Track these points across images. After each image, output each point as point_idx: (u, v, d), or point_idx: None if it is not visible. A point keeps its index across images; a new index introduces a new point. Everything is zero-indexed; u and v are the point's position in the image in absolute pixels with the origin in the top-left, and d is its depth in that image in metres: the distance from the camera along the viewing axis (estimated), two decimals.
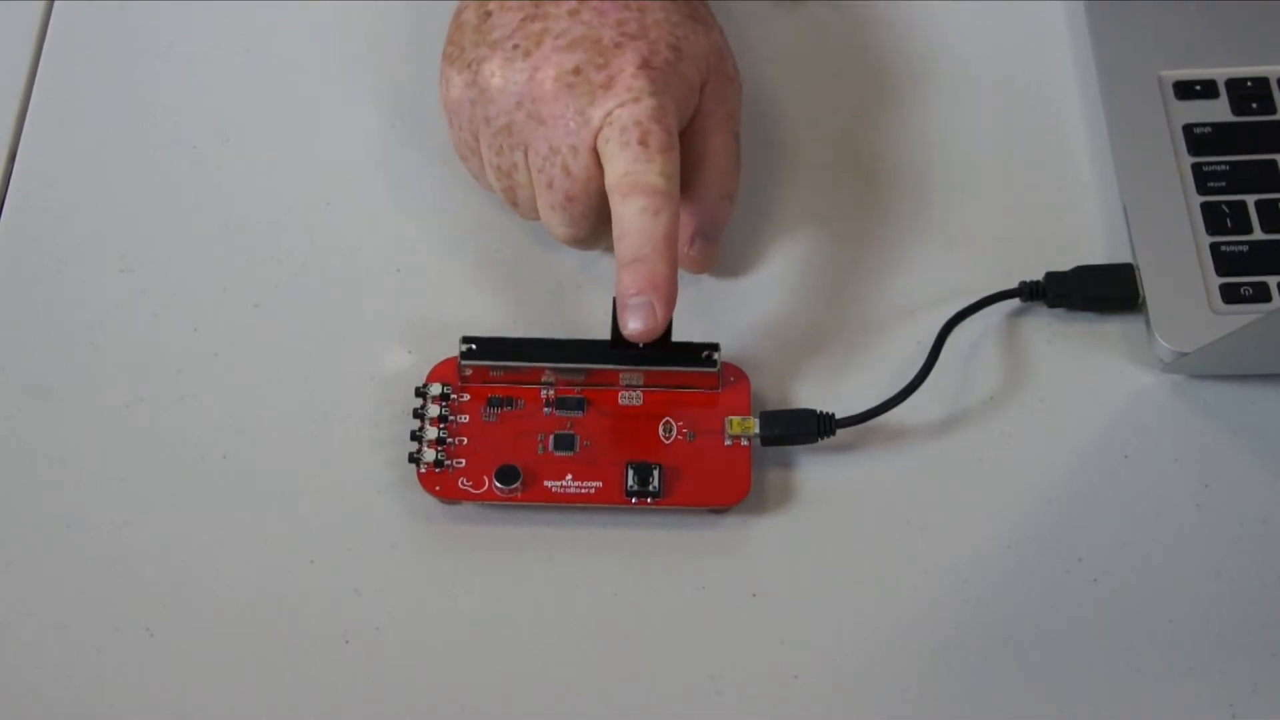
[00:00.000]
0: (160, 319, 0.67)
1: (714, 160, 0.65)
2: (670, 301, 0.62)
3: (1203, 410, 0.65)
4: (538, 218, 0.65)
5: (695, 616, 0.61)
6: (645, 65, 0.63)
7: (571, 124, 0.63)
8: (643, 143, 0.62)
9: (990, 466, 0.64)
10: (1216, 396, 0.65)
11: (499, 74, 0.64)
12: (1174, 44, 0.71)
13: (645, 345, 0.63)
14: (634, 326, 0.62)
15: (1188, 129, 0.69)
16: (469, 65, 0.65)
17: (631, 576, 0.62)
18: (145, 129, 0.71)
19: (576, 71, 0.63)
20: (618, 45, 0.63)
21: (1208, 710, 0.59)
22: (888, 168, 0.70)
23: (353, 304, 0.67)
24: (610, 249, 0.64)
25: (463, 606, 0.61)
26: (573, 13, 0.64)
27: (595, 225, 0.64)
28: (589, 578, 0.62)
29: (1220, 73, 0.70)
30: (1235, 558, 0.62)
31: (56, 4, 0.74)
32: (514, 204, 0.66)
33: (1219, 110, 0.69)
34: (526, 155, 0.64)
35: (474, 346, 0.64)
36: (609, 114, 0.62)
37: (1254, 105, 0.69)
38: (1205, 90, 0.70)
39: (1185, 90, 0.70)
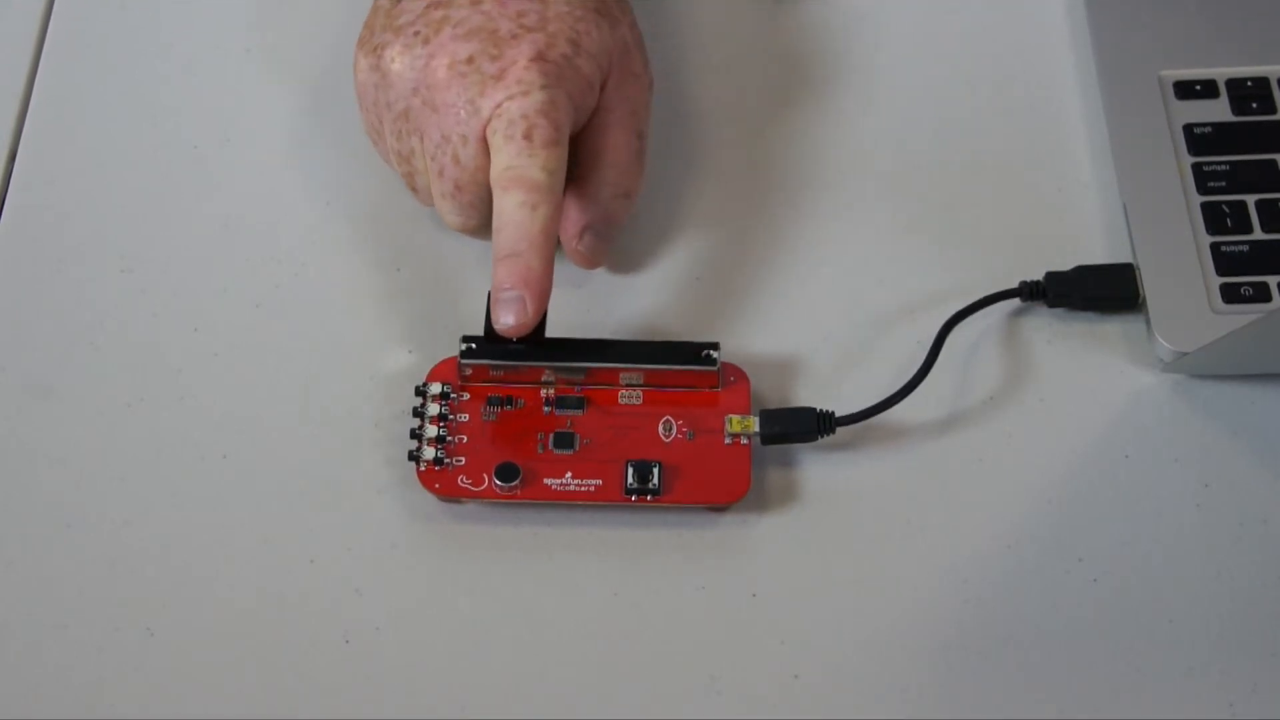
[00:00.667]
0: (160, 319, 0.67)
1: (611, 156, 0.65)
2: (542, 297, 0.62)
3: (1203, 410, 0.65)
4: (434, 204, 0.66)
5: (695, 616, 0.61)
6: (539, 58, 0.63)
7: (462, 113, 0.63)
8: (527, 137, 0.62)
9: (990, 466, 0.64)
10: (1216, 396, 0.65)
11: (398, 59, 0.64)
12: (1174, 44, 0.71)
13: (518, 340, 0.63)
14: (505, 321, 0.62)
15: (1188, 129, 0.69)
16: (374, 49, 0.65)
17: (631, 576, 0.62)
18: (145, 129, 0.71)
19: (470, 61, 0.63)
20: (514, 37, 0.63)
21: (1208, 710, 0.59)
22: (888, 167, 0.70)
23: (353, 304, 0.67)
24: None
25: (463, 606, 0.61)
26: (475, 2, 0.64)
27: (485, 214, 0.64)
28: (589, 577, 0.62)
29: (1220, 72, 0.70)
30: (1235, 558, 0.62)
31: (57, 4, 0.74)
32: (413, 189, 0.66)
33: (1219, 110, 0.69)
34: (422, 142, 0.64)
35: (474, 346, 0.64)
36: (498, 105, 0.62)
37: (1254, 105, 0.69)
38: (1205, 90, 0.70)
39: (1185, 90, 0.70)
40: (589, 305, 0.67)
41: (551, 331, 0.65)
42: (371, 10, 0.67)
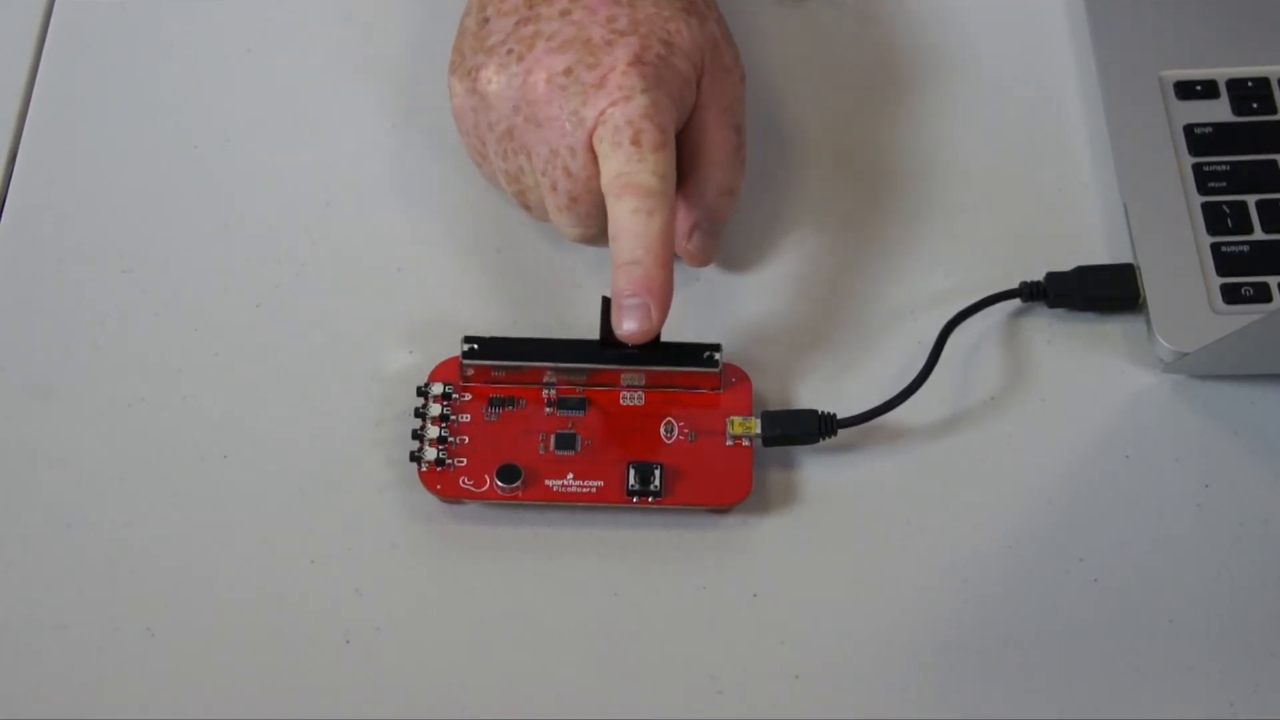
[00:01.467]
0: (161, 319, 0.67)
1: (713, 154, 0.65)
2: (665, 303, 0.62)
3: (1203, 410, 0.65)
4: (550, 219, 0.65)
5: (696, 616, 0.61)
6: (636, 61, 0.63)
7: (567, 125, 0.63)
8: (635, 142, 0.62)
9: (990, 466, 0.64)
10: (1217, 396, 0.65)
11: (495, 80, 0.64)
12: (1174, 44, 0.71)
13: (636, 346, 0.63)
14: (629, 327, 0.62)
15: (1188, 129, 0.69)
16: (469, 73, 0.65)
17: (632, 576, 0.62)
18: (146, 129, 0.71)
19: (568, 72, 0.63)
20: (608, 43, 0.63)
21: (1208, 710, 0.59)
22: (888, 168, 0.70)
23: (354, 304, 0.67)
24: None
25: (463, 606, 0.61)
26: (564, 13, 0.64)
27: (603, 222, 0.64)
28: (589, 577, 0.62)
29: (1221, 73, 0.70)
30: (1235, 558, 0.62)
31: (57, 3, 0.74)
32: (527, 206, 0.66)
33: (1220, 110, 0.69)
34: (530, 159, 0.64)
35: (476, 346, 0.64)
36: (602, 113, 0.62)
37: (1255, 105, 0.69)
38: (1206, 90, 0.70)
39: (1186, 90, 0.70)
40: (591, 306, 0.66)
41: (552, 332, 0.65)
42: (458, 34, 0.66)
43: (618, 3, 0.64)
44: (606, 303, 0.63)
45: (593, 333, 0.65)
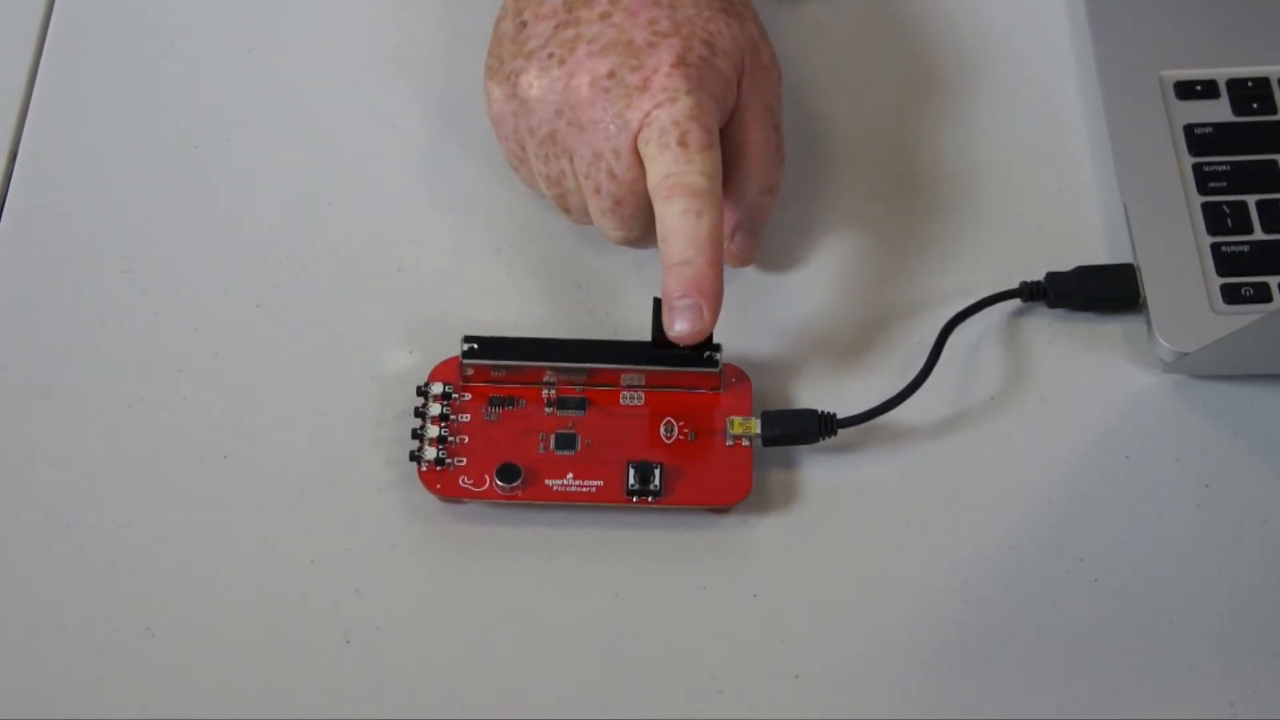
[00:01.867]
0: (161, 319, 0.67)
1: (753, 153, 0.65)
2: (717, 303, 0.62)
3: (1203, 410, 0.65)
4: (591, 222, 0.65)
5: (696, 616, 0.61)
6: (680, 63, 0.63)
7: (611, 128, 0.63)
8: (682, 143, 0.62)
9: (991, 466, 0.64)
10: (1217, 396, 0.65)
11: (536, 84, 0.64)
12: (1175, 44, 0.71)
13: (686, 346, 0.63)
14: (681, 328, 0.62)
15: (1188, 129, 0.69)
16: (508, 77, 0.65)
17: (632, 576, 0.62)
18: (146, 129, 0.71)
19: (611, 75, 0.63)
20: (651, 45, 0.63)
21: (1208, 710, 0.59)
22: (888, 168, 0.70)
23: (354, 304, 0.67)
24: None
25: (463, 606, 0.61)
26: (604, 16, 0.64)
27: (646, 225, 0.64)
28: (589, 577, 0.62)
29: (1221, 73, 0.70)
30: (1235, 558, 0.62)
31: (57, 3, 0.74)
32: (567, 210, 0.66)
33: (1220, 110, 0.69)
34: (572, 162, 0.64)
35: (476, 346, 0.64)
36: (647, 115, 0.62)
37: (1255, 105, 0.69)
38: (1206, 90, 0.70)
39: (1186, 90, 0.70)
40: (591, 306, 0.67)
41: (553, 332, 0.65)
42: (494, 39, 0.66)
43: (658, 4, 0.64)
44: (658, 304, 0.63)
45: (591, 333, 0.65)
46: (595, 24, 0.64)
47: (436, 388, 0.64)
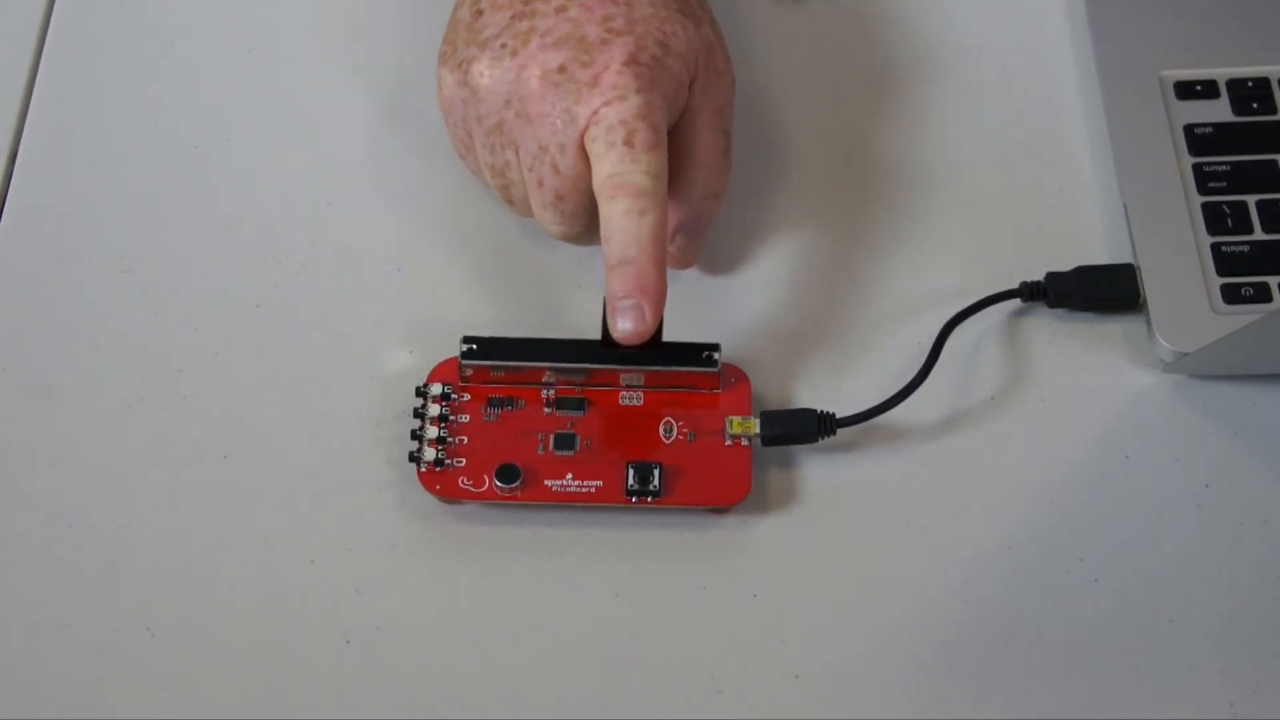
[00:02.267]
0: (160, 319, 0.67)
1: (701, 157, 0.65)
2: (659, 303, 0.62)
3: (1203, 410, 0.65)
4: (533, 215, 0.65)
5: (696, 616, 0.61)
6: (631, 61, 0.63)
7: (558, 122, 0.63)
8: (628, 142, 0.62)
9: (990, 466, 0.64)
10: (1217, 396, 0.65)
11: (487, 73, 0.64)
12: (1174, 44, 0.71)
13: (635, 346, 0.63)
14: (624, 328, 0.62)
15: (1188, 129, 0.69)
16: (460, 65, 0.65)
17: (632, 576, 0.62)
18: (146, 129, 0.71)
19: (562, 70, 0.63)
20: (603, 42, 0.63)
21: (1208, 710, 0.59)
22: (888, 167, 0.70)
23: (353, 304, 0.67)
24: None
25: (463, 606, 0.61)
26: (560, 10, 0.64)
27: (587, 222, 0.64)
28: (589, 577, 0.62)
29: (1221, 73, 0.70)
30: (1235, 558, 0.62)
31: (57, 4, 0.74)
32: (509, 201, 0.66)
33: (1220, 110, 0.69)
34: (518, 154, 0.64)
35: (475, 346, 0.64)
36: (595, 112, 0.62)
37: (1255, 105, 0.69)
38: (1206, 90, 0.70)
39: (1186, 90, 0.70)
40: (590, 306, 0.66)
41: (552, 332, 0.65)
42: (450, 25, 0.66)
43: (614, 2, 0.64)
44: (605, 305, 0.63)
45: (591, 333, 0.65)
46: (550, 17, 0.64)
47: (436, 388, 0.64)
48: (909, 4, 0.74)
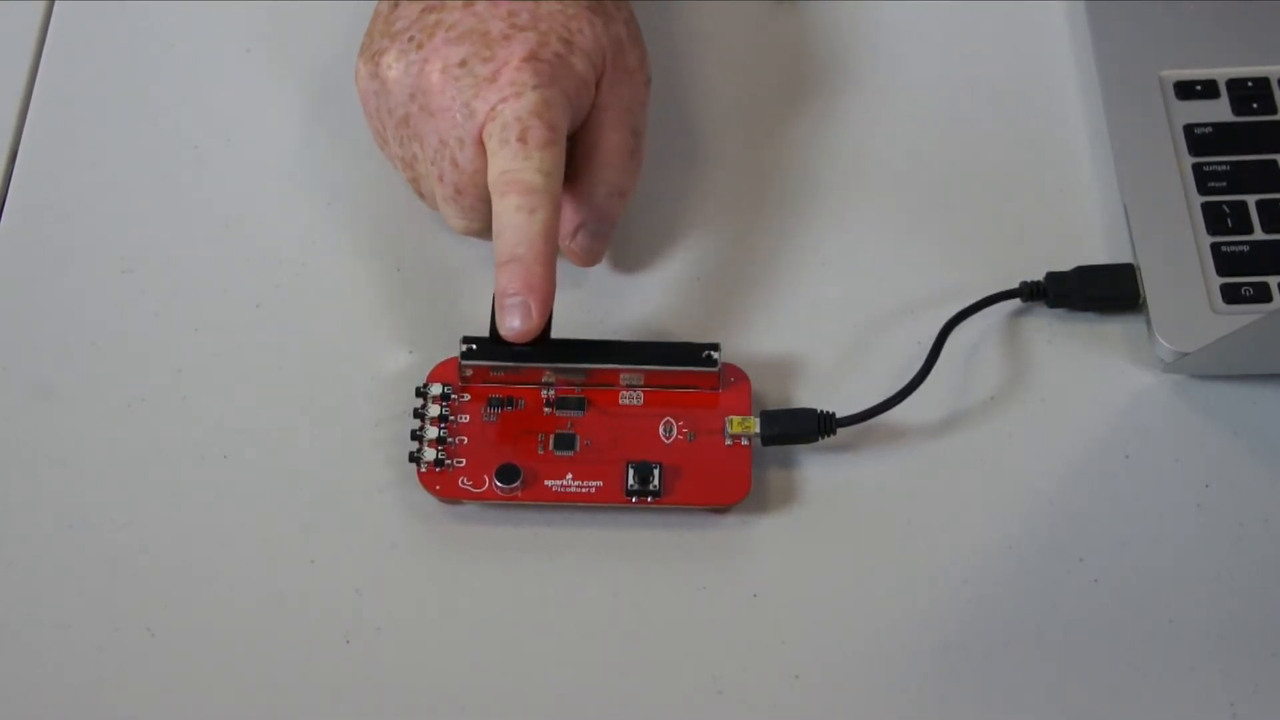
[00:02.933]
0: (160, 319, 0.67)
1: (606, 155, 0.65)
2: (546, 301, 0.62)
3: (1203, 410, 0.65)
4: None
5: (696, 616, 0.61)
6: (532, 58, 0.63)
7: (458, 116, 0.63)
8: (522, 139, 0.62)
9: (990, 466, 0.64)
10: (1217, 396, 0.65)
11: (395, 66, 0.64)
12: (1174, 44, 0.71)
13: (524, 344, 0.63)
14: (510, 325, 0.62)
15: (1188, 129, 0.69)
16: (372, 56, 0.65)
17: (632, 576, 0.62)
18: (146, 129, 0.71)
19: (462, 64, 0.63)
20: (505, 37, 0.63)
21: (1208, 710, 0.59)
22: (888, 168, 0.70)
23: (353, 304, 0.67)
24: None
25: (463, 606, 0.61)
26: (467, 4, 0.64)
27: (489, 217, 0.64)
28: (589, 577, 0.62)
29: (1221, 73, 0.70)
30: (1235, 558, 0.62)
31: (57, 4, 0.74)
32: (420, 194, 0.66)
33: (1220, 110, 0.69)
34: (422, 147, 0.64)
35: (475, 346, 0.64)
36: (493, 108, 0.62)
37: (1255, 105, 0.69)
38: (1206, 90, 0.70)
39: (1186, 90, 0.70)
40: (589, 306, 0.67)
41: (553, 332, 0.65)
42: (372, 16, 0.66)
43: None
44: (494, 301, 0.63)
45: (591, 333, 0.65)
46: (458, 11, 0.64)
47: (435, 388, 0.64)
48: (908, 5, 0.74)
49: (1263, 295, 0.65)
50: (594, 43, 0.64)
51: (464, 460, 0.62)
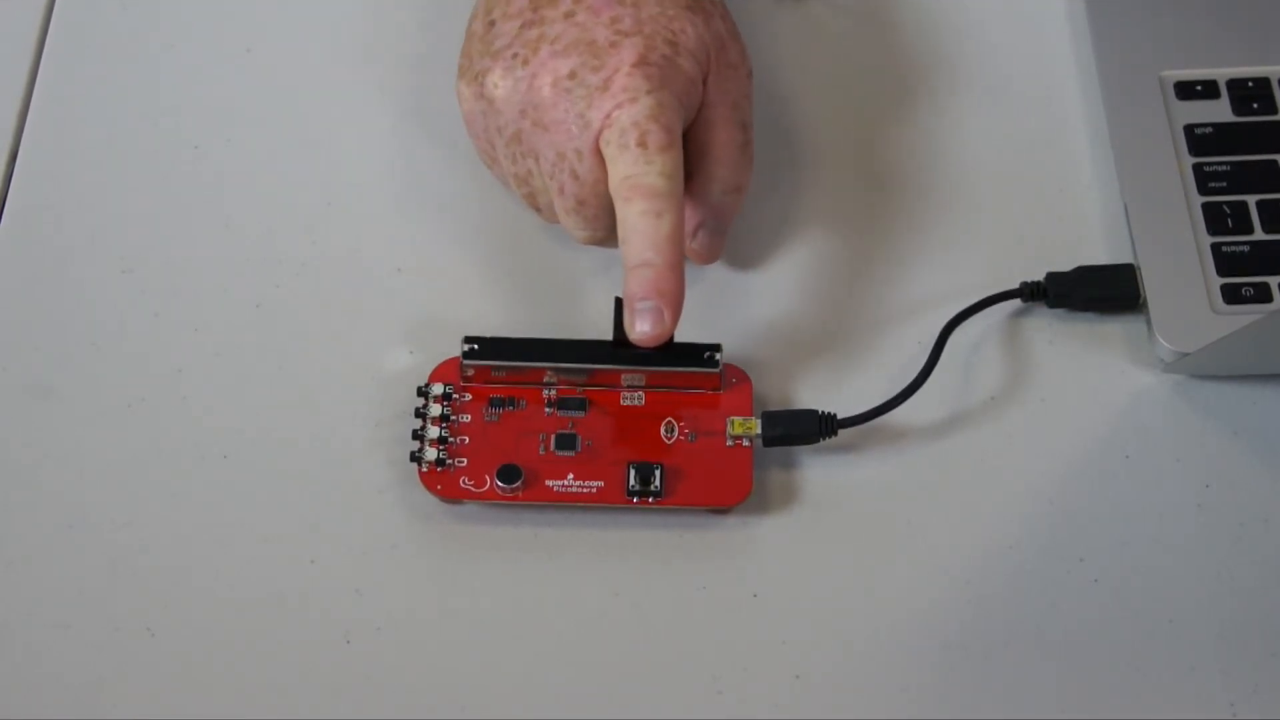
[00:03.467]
0: (160, 319, 0.67)
1: (719, 152, 0.65)
2: (678, 305, 0.62)
3: (1203, 410, 0.65)
4: (559, 221, 0.65)
5: (697, 616, 0.61)
6: (641, 62, 0.63)
7: (573, 128, 0.63)
8: (641, 144, 0.62)
9: (991, 466, 0.64)
10: (1217, 396, 0.65)
11: (501, 84, 0.64)
12: (1175, 44, 0.71)
13: (618, 345, 0.63)
14: (642, 330, 0.62)
15: (1189, 129, 0.69)
16: (475, 78, 0.65)
17: (633, 576, 0.62)
18: (146, 129, 0.71)
19: (572, 76, 0.63)
20: (612, 45, 0.63)
21: (1208, 710, 0.59)
22: (889, 168, 0.70)
23: (354, 304, 0.67)
24: None
25: (463, 606, 0.61)
26: (568, 15, 0.64)
27: (610, 225, 0.64)
28: (590, 578, 0.62)
29: (1221, 73, 0.70)
30: (1235, 558, 0.62)
31: (57, 3, 0.74)
32: (536, 209, 0.66)
33: (1220, 110, 0.69)
34: (538, 162, 0.64)
35: (476, 346, 0.64)
36: (608, 116, 0.62)
37: (1255, 105, 0.69)
38: (1206, 90, 0.70)
39: (1186, 90, 0.70)
40: (591, 306, 0.67)
41: (553, 333, 0.65)
42: (466, 38, 0.66)
43: (621, 3, 0.64)
44: (619, 304, 0.63)
45: (592, 333, 0.65)
46: (559, 23, 0.64)
47: (437, 388, 0.64)
48: (908, 5, 0.74)
49: (1263, 295, 0.65)
50: (698, 41, 0.64)
51: (465, 460, 0.62)
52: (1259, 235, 0.67)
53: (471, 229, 0.69)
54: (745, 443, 0.63)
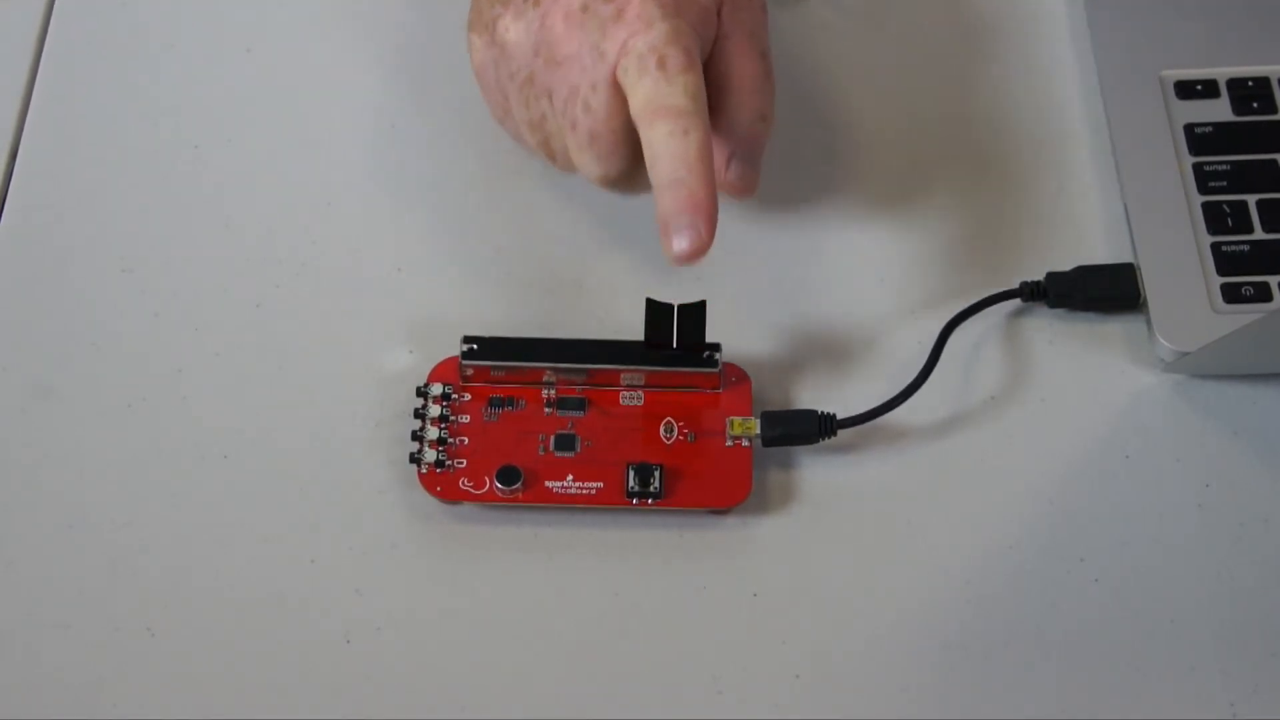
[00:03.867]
0: (160, 319, 0.67)
1: (741, 82, 0.65)
2: (713, 219, 0.61)
3: (1204, 410, 0.65)
4: (574, 167, 0.65)
5: (696, 617, 0.61)
6: None
7: (587, 60, 0.62)
8: (661, 66, 0.61)
9: (991, 466, 0.64)
10: (1217, 396, 0.65)
11: (513, 27, 0.64)
12: (1175, 43, 0.71)
13: (650, 347, 0.62)
14: (680, 246, 0.61)
15: (1189, 129, 0.69)
16: (486, 26, 0.65)
17: (632, 577, 0.62)
18: (146, 128, 0.71)
19: (585, 9, 0.62)
20: None
21: (1208, 710, 0.59)
22: (889, 168, 0.70)
23: (354, 304, 0.67)
24: (647, 189, 0.63)
25: (463, 606, 0.61)
26: None
27: (626, 161, 0.64)
28: (589, 578, 0.62)
29: (1221, 72, 0.70)
30: (1235, 558, 0.62)
31: (57, 3, 0.74)
32: (551, 157, 0.66)
33: (1220, 110, 0.69)
34: (551, 101, 0.64)
35: (475, 346, 0.64)
36: (623, 45, 0.62)
37: (1255, 105, 0.69)
38: (1206, 90, 0.70)
39: (1186, 90, 0.70)
40: (590, 305, 0.67)
41: (553, 332, 0.65)
42: None
43: None
44: (651, 305, 0.63)
45: (592, 333, 0.65)
46: None
47: (436, 388, 0.64)
48: (908, 5, 0.74)
49: (1263, 295, 0.65)
50: None
51: (464, 461, 0.62)
52: (1259, 235, 0.67)
53: (471, 229, 0.69)
54: (745, 443, 0.63)
